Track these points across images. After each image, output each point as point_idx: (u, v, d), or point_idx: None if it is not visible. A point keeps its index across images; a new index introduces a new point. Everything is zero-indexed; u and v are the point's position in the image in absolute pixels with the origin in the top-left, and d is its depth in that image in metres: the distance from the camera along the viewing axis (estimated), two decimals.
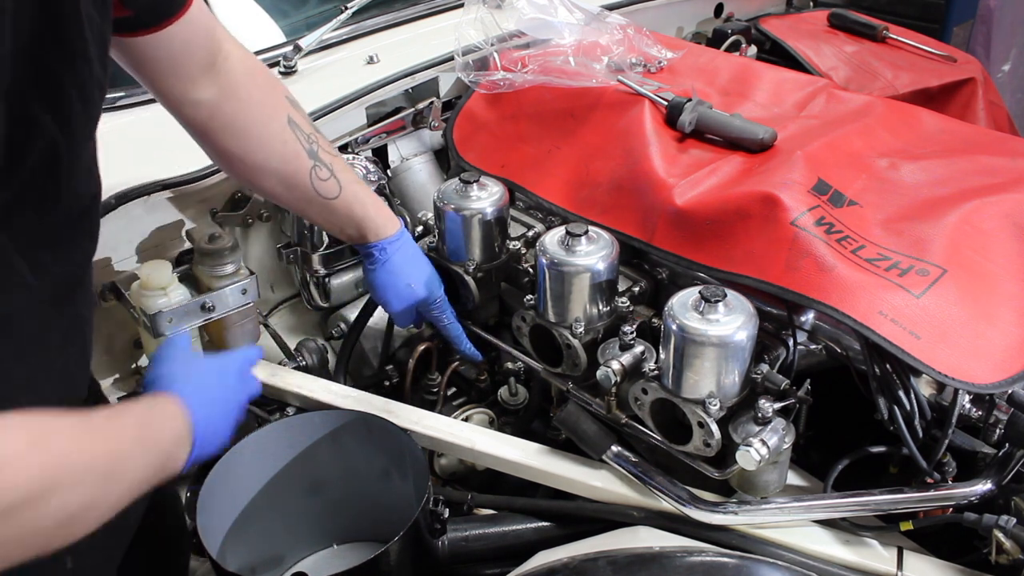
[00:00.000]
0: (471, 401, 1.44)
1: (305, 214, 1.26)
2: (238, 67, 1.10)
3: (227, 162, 1.15)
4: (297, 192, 1.17)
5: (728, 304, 1.00)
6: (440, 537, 1.11)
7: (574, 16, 1.61)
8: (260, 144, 1.13)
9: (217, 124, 1.08)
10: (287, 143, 1.14)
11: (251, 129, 1.12)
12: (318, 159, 1.17)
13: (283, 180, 1.16)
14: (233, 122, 1.10)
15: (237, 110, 1.10)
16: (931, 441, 1.01)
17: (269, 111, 1.14)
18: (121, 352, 1.36)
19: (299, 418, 1.21)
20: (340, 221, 1.23)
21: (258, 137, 1.12)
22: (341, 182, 1.20)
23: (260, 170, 1.14)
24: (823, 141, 1.27)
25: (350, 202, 1.22)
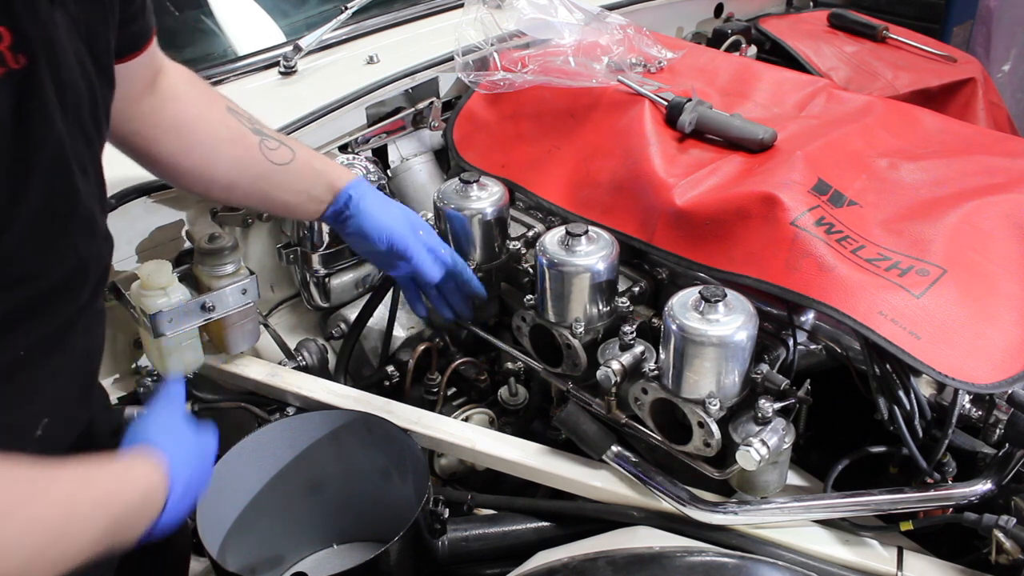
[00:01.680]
0: (471, 401, 1.44)
1: (267, 195, 1.20)
2: (174, 76, 1.11)
3: (175, 166, 1.13)
4: (253, 170, 1.16)
5: (728, 304, 1.00)
6: (440, 537, 1.11)
7: (574, 16, 1.61)
8: (204, 134, 1.13)
9: (160, 129, 1.09)
10: (230, 126, 1.15)
11: (193, 123, 1.12)
12: (263, 133, 1.18)
13: (235, 162, 1.15)
14: (175, 122, 1.10)
15: (176, 109, 1.10)
16: (931, 441, 1.01)
17: (207, 103, 1.15)
18: (121, 352, 1.36)
19: (299, 418, 1.21)
20: (306, 183, 1.20)
21: (201, 127, 1.13)
22: (292, 147, 1.19)
23: (210, 160, 1.14)
24: (823, 141, 1.27)
25: (308, 160, 1.21)
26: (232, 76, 1.56)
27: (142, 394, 1.32)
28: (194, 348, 1.26)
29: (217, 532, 1.12)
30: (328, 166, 1.24)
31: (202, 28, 1.72)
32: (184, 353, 1.24)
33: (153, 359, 1.27)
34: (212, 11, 1.74)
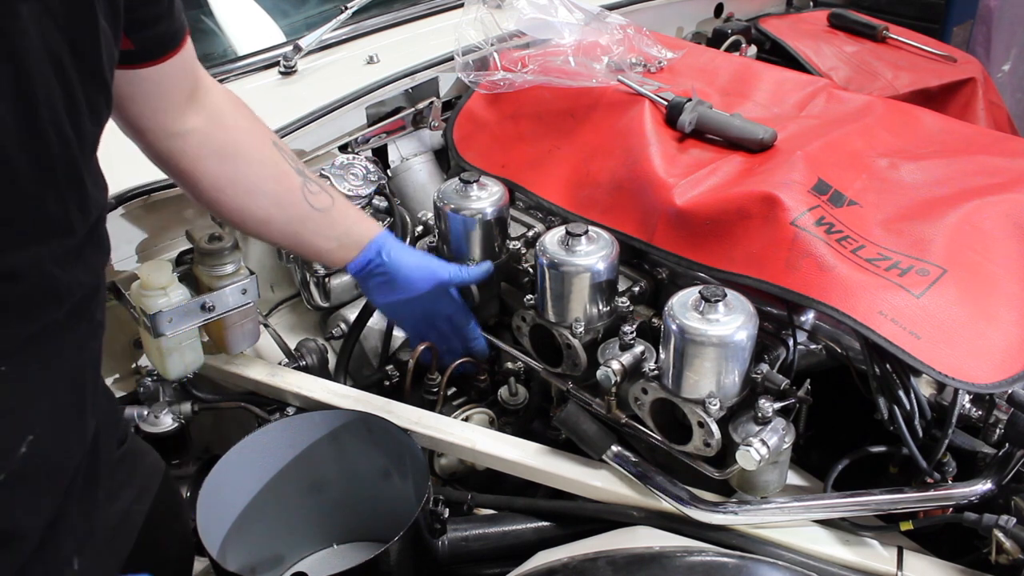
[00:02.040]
0: (471, 401, 1.44)
1: (299, 236, 1.22)
2: (220, 97, 1.10)
3: (217, 191, 1.12)
4: (291, 210, 1.17)
5: (728, 304, 1.00)
6: (440, 537, 1.11)
7: (574, 16, 1.61)
8: (251, 166, 1.13)
9: (207, 151, 1.08)
10: (277, 164, 1.15)
11: (242, 152, 1.12)
12: (306, 176, 1.19)
13: (276, 199, 1.16)
14: (224, 147, 1.09)
15: (227, 136, 1.10)
16: (931, 441, 1.01)
17: (256, 135, 1.15)
18: (121, 352, 1.36)
19: (299, 418, 1.21)
20: (338, 231, 1.23)
21: (249, 159, 1.13)
22: (332, 194, 1.22)
23: (252, 192, 1.14)
24: (823, 141, 1.27)
25: (345, 208, 1.23)
26: (232, 76, 1.56)
27: (142, 394, 1.32)
28: (194, 348, 1.26)
29: (217, 532, 1.12)
30: (362, 218, 1.27)
31: (202, 28, 1.72)
32: (184, 353, 1.24)
33: (153, 359, 1.27)
34: (212, 11, 1.74)
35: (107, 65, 0.79)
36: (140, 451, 1.08)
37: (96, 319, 0.88)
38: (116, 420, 1.02)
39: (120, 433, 1.02)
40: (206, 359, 1.30)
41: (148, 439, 1.29)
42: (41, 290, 0.77)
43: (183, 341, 1.23)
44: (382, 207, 1.51)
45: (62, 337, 0.82)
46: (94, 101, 0.78)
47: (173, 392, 1.33)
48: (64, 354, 0.83)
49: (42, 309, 0.78)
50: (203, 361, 1.29)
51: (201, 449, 1.44)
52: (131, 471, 1.03)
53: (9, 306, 0.74)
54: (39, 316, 0.78)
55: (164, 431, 1.29)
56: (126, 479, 1.02)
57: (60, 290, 0.79)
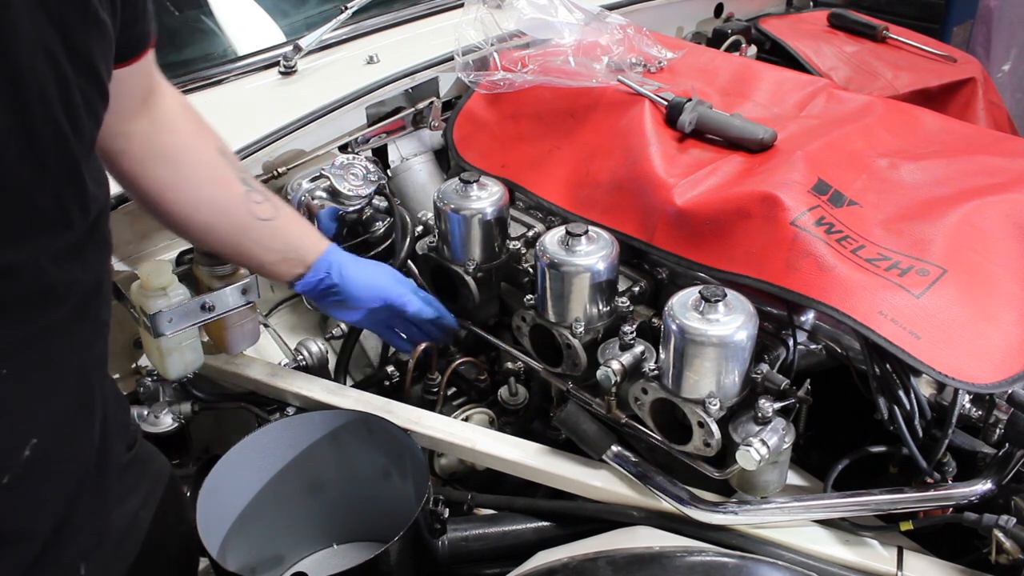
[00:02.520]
0: (471, 401, 1.44)
1: (241, 247, 1.18)
2: (171, 102, 1.09)
3: (157, 195, 1.09)
4: (233, 218, 1.14)
5: (728, 304, 1.00)
6: (440, 537, 1.11)
7: (574, 16, 1.61)
8: (193, 170, 1.11)
9: (150, 154, 1.06)
10: (220, 169, 1.13)
11: (185, 157, 1.10)
12: (250, 185, 1.16)
13: (218, 207, 1.13)
14: (167, 151, 1.07)
15: (170, 140, 1.08)
16: (931, 441, 1.01)
17: (202, 141, 1.13)
18: (121, 352, 1.36)
19: (299, 418, 1.21)
20: (281, 244, 1.20)
21: (191, 164, 1.10)
22: (275, 204, 1.18)
23: (193, 199, 1.11)
24: (823, 141, 1.27)
25: (289, 222, 1.21)
26: (232, 76, 1.56)
27: (142, 394, 1.32)
28: (194, 348, 1.26)
29: (217, 532, 1.12)
30: (308, 233, 1.24)
31: (202, 28, 1.72)
32: (184, 353, 1.24)
33: (153, 359, 1.27)
34: (212, 11, 1.74)
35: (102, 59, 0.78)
36: (148, 456, 1.07)
37: (100, 319, 0.87)
38: (126, 425, 1.01)
39: (130, 438, 1.02)
40: (206, 359, 1.30)
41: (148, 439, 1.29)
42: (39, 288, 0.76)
43: (183, 341, 1.23)
44: (382, 207, 1.51)
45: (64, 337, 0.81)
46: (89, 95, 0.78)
47: (173, 392, 1.33)
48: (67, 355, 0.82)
49: (40, 308, 0.77)
50: (203, 361, 1.28)
51: (201, 449, 1.44)
52: (139, 476, 1.03)
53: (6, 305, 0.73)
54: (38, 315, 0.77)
55: (164, 431, 1.29)
56: (134, 484, 1.01)
57: (59, 288, 0.78)
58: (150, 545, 1.02)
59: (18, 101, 0.69)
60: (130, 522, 1.00)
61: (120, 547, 0.98)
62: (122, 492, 0.97)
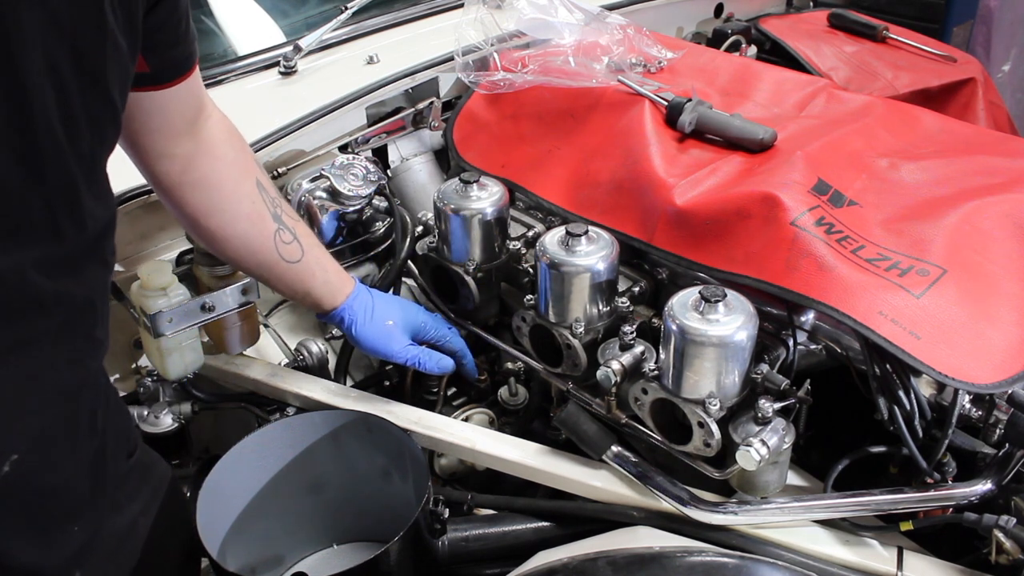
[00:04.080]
0: (471, 401, 1.44)
1: (267, 281, 1.22)
2: (217, 126, 1.10)
3: (194, 220, 1.12)
4: (260, 256, 1.16)
5: (728, 304, 1.00)
6: (440, 537, 1.11)
7: (574, 16, 1.61)
8: (228, 202, 1.12)
9: (189, 179, 1.07)
10: (255, 203, 1.14)
11: (223, 186, 1.11)
12: (282, 223, 1.17)
13: (247, 242, 1.15)
14: (207, 177, 1.08)
15: (211, 167, 1.09)
16: (931, 441, 1.01)
17: (241, 171, 1.13)
18: (121, 352, 1.36)
19: (299, 418, 1.21)
20: (305, 286, 1.22)
21: (227, 195, 1.11)
22: (304, 246, 1.20)
23: (224, 229, 1.13)
24: (823, 141, 1.27)
25: (312, 267, 1.21)
26: (232, 76, 1.56)
27: (142, 394, 1.32)
28: (194, 348, 1.26)
29: (217, 532, 1.12)
30: (329, 281, 1.24)
31: (202, 28, 1.72)
32: (184, 353, 1.24)
33: (153, 359, 1.27)
34: (212, 11, 1.74)
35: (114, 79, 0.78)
36: (149, 462, 1.07)
37: (95, 337, 0.86)
38: (127, 435, 1.01)
39: (130, 446, 1.01)
40: (206, 359, 1.30)
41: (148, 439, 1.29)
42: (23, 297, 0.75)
43: (183, 341, 1.23)
44: (382, 207, 1.51)
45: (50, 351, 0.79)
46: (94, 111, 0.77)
47: (173, 392, 1.33)
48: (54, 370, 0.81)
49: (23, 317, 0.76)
50: (203, 361, 1.29)
51: (201, 449, 1.44)
52: (139, 483, 1.02)
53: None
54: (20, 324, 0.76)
55: (164, 431, 1.29)
56: (134, 491, 1.00)
57: (45, 299, 0.77)
58: (150, 551, 1.01)
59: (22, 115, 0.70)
60: (128, 528, 0.99)
61: (118, 553, 0.97)
62: (121, 499, 0.96)
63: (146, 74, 0.91)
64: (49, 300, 0.78)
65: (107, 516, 0.93)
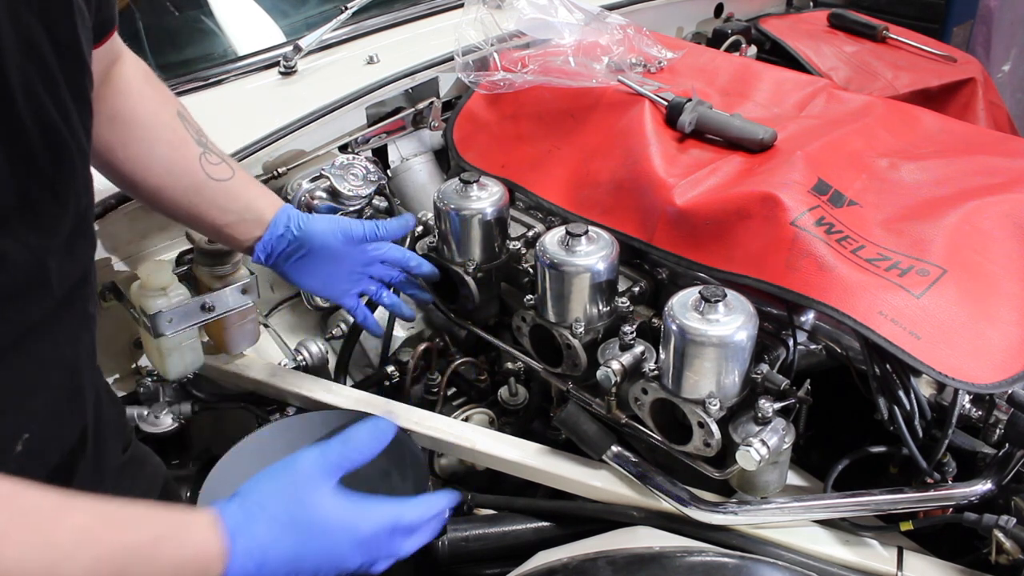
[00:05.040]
0: (471, 401, 1.44)
1: (196, 208, 1.14)
2: (129, 69, 1.08)
3: (108, 154, 1.08)
4: (186, 178, 1.11)
5: (728, 304, 1.00)
6: (440, 537, 1.11)
7: (574, 16, 1.61)
8: (146, 131, 1.09)
9: (103, 117, 1.02)
10: (175, 131, 1.11)
11: (138, 118, 1.08)
12: (206, 147, 1.13)
13: (170, 167, 1.10)
14: (120, 112, 1.06)
15: (125, 102, 1.06)
16: (931, 441, 1.01)
17: (158, 103, 1.11)
18: (121, 352, 1.36)
19: (299, 418, 1.21)
20: (238, 204, 1.15)
21: (145, 125, 1.09)
22: (232, 167, 1.16)
23: (145, 157, 1.09)
24: (823, 141, 1.27)
25: (246, 182, 1.17)
26: (232, 76, 1.56)
27: (142, 394, 1.32)
28: (194, 348, 1.26)
29: None
30: (265, 193, 1.19)
31: (202, 28, 1.72)
32: (184, 353, 1.25)
33: (153, 359, 1.27)
34: (212, 11, 1.75)
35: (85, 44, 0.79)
36: (143, 457, 1.07)
37: (87, 311, 0.87)
38: (122, 425, 1.01)
39: (125, 439, 1.02)
40: (206, 359, 1.30)
41: (148, 439, 1.29)
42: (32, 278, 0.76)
43: (183, 341, 1.23)
44: (382, 207, 1.51)
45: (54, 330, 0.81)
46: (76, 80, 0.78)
47: (173, 392, 1.33)
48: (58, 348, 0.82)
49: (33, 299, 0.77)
50: (203, 361, 1.29)
51: (201, 449, 1.44)
52: (134, 478, 1.03)
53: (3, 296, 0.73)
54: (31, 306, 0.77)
55: (164, 431, 1.29)
56: (129, 485, 1.01)
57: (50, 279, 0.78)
58: None
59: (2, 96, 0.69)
60: None
61: None
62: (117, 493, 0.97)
63: None
64: (52, 280, 0.78)
65: None
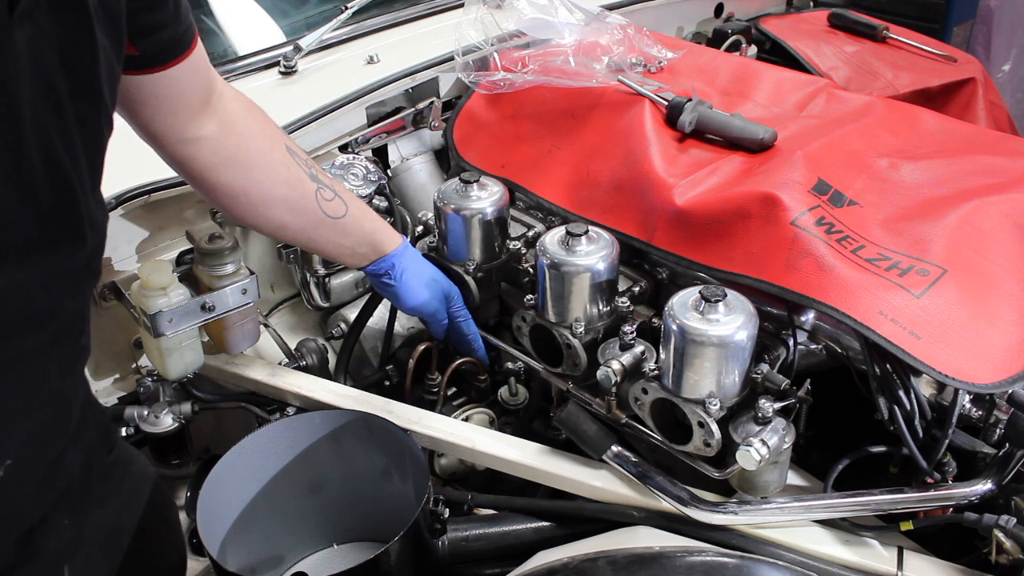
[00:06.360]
0: (471, 401, 1.44)
1: (314, 242, 1.24)
2: (234, 103, 1.10)
3: (231, 199, 1.12)
4: (305, 217, 1.17)
5: (728, 304, 1.00)
6: (440, 537, 1.11)
7: (574, 16, 1.61)
8: (264, 174, 1.13)
9: (219, 159, 1.07)
10: (290, 168, 1.15)
11: (254, 160, 1.11)
12: (320, 182, 1.18)
13: (290, 206, 1.16)
14: (236, 155, 1.09)
15: (239, 143, 1.09)
16: (931, 441, 1.01)
17: (269, 141, 1.14)
18: (121, 352, 1.36)
19: (299, 418, 1.21)
20: (352, 240, 1.24)
21: (261, 167, 1.12)
22: (346, 201, 1.22)
23: (266, 200, 1.14)
24: (823, 141, 1.27)
25: (359, 218, 1.24)
26: (232, 76, 1.56)
27: (142, 394, 1.32)
28: (194, 348, 1.26)
29: (217, 532, 1.12)
30: (377, 228, 1.27)
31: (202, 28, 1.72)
32: (184, 353, 1.24)
33: (153, 359, 1.27)
34: (212, 11, 1.75)
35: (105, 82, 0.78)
36: (128, 458, 1.07)
37: (81, 344, 0.87)
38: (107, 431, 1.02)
39: (110, 441, 1.02)
40: (206, 359, 1.30)
41: (148, 439, 1.29)
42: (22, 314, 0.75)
43: (183, 341, 1.23)
44: (382, 207, 1.51)
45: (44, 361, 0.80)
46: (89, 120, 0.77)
47: (173, 392, 1.33)
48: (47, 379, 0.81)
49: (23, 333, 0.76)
50: (203, 361, 1.28)
51: (201, 449, 1.44)
52: (120, 478, 1.03)
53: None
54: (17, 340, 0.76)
55: (164, 431, 1.29)
56: (115, 486, 1.01)
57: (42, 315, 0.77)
58: (135, 546, 1.02)
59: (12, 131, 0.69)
60: (112, 523, 1.00)
61: (104, 548, 0.98)
62: (103, 494, 0.97)
63: (136, 57, 0.90)
64: (45, 315, 0.78)
65: (92, 511, 0.93)
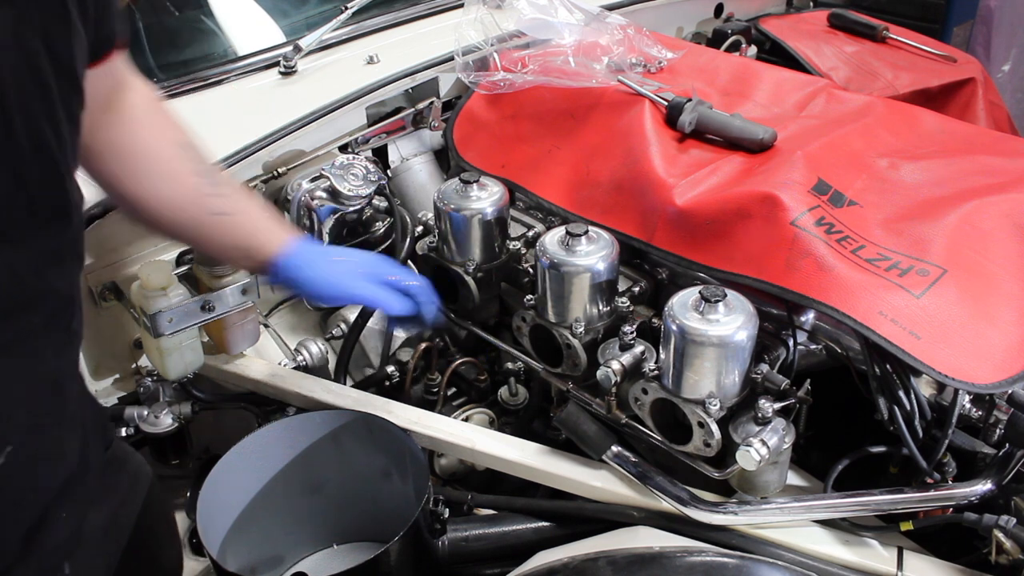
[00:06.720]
0: (471, 401, 1.44)
1: (202, 241, 1.12)
2: (137, 97, 1.05)
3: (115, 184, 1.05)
4: (187, 214, 1.08)
5: (728, 304, 1.00)
6: (440, 537, 1.11)
7: (574, 16, 1.61)
8: (146, 165, 1.06)
9: (108, 149, 1.02)
10: (172, 163, 1.07)
11: (141, 151, 1.05)
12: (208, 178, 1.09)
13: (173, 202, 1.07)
14: (124, 143, 1.04)
15: (128, 134, 1.04)
16: (931, 441, 1.01)
17: (161, 134, 1.08)
18: (121, 352, 1.36)
19: (299, 418, 1.21)
20: (240, 240, 1.11)
21: (148, 158, 1.06)
22: (234, 200, 1.11)
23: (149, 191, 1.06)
24: (823, 141, 1.27)
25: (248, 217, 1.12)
26: (232, 76, 1.56)
27: (142, 394, 1.32)
28: (194, 348, 1.26)
29: (217, 532, 1.12)
30: (265, 230, 1.13)
31: (202, 28, 1.72)
32: (184, 353, 1.25)
33: (153, 359, 1.27)
34: (212, 11, 1.75)
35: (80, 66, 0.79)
36: (124, 456, 1.07)
37: (72, 328, 0.87)
38: (104, 427, 1.02)
39: (107, 438, 1.02)
40: (206, 359, 1.30)
41: (148, 439, 1.29)
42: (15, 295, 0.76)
43: (183, 341, 1.23)
44: (382, 207, 1.51)
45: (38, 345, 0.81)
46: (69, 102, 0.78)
47: (173, 392, 1.33)
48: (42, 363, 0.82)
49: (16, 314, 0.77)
50: (203, 361, 1.29)
51: (201, 449, 1.44)
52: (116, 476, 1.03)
53: None
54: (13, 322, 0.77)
55: (164, 431, 1.29)
56: (112, 484, 1.01)
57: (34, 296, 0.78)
58: (133, 543, 1.02)
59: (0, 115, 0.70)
60: (110, 521, 1.00)
61: (103, 546, 0.98)
62: (100, 492, 0.97)
63: None
64: (37, 297, 0.79)
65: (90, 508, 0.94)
